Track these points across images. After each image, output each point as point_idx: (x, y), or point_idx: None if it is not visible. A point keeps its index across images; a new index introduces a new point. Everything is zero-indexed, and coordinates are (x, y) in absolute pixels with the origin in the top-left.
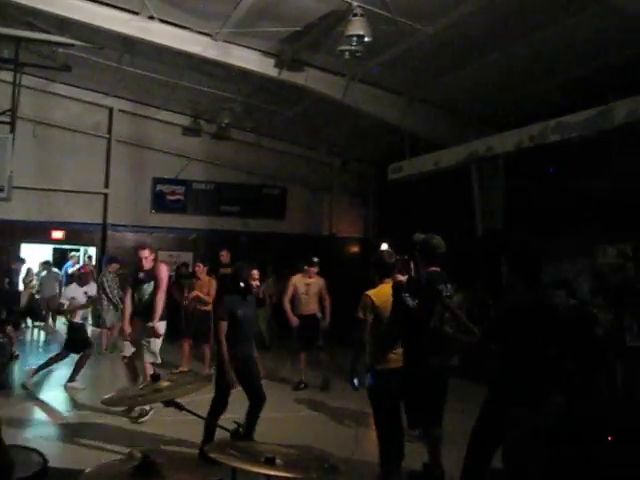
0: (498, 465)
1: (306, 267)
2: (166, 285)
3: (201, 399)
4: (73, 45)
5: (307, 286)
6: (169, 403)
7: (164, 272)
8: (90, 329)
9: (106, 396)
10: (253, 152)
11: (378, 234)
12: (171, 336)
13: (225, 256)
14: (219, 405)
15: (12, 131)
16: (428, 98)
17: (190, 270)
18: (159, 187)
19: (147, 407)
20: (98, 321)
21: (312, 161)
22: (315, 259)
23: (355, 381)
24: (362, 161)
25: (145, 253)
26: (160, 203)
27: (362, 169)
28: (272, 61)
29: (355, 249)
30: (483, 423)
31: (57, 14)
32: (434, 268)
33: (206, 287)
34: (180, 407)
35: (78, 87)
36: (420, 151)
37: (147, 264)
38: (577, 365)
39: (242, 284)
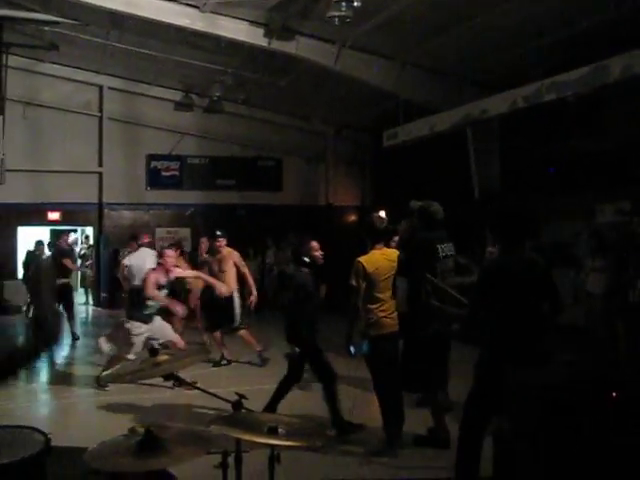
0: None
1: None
2: None
3: (201, 373)
4: (58, 23)
5: (219, 262)
6: (169, 377)
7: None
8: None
9: (104, 372)
10: (246, 124)
11: (375, 202)
12: None
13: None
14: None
15: (1, 113)
16: (420, 62)
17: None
18: (153, 163)
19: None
20: None
21: (306, 131)
22: (219, 232)
23: (351, 348)
24: (357, 129)
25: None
26: (155, 179)
27: (357, 137)
28: (261, 31)
29: (352, 218)
30: (479, 389)
31: None
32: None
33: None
34: (180, 381)
35: (67, 66)
36: (414, 117)
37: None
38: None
39: (306, 259)
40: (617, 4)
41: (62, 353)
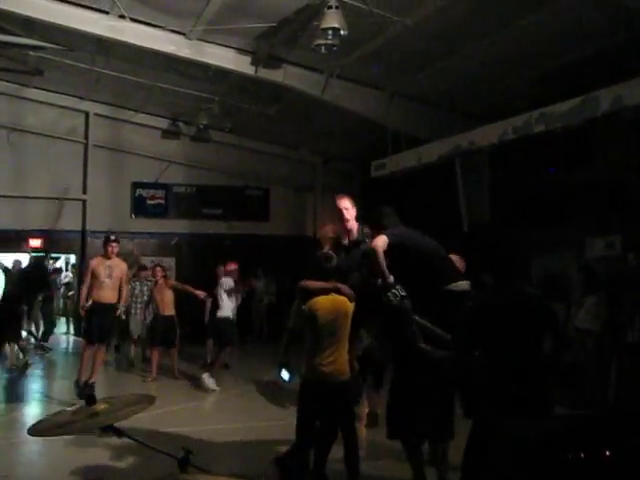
0: None
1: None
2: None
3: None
4: (43, 48)
5: (109, 269)
6: (107, 429)
7: None
8: None
9: (34, 423)
10: (234, 153)
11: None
12: None
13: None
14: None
15: None
16: (409, 92)
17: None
18: (139, 191)
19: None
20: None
21: (294, 161)
22: (112, 236)
23: (283, 374)
24: (345, 159)
25: None
26: (140, 208)
27: (345, 167)
28: (248, 59)
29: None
30: (477, 440)
31: (22, 14)
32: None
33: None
34: (120, 433)
35: (52, 91)
36: (404, 147)
37: None
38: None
39: None
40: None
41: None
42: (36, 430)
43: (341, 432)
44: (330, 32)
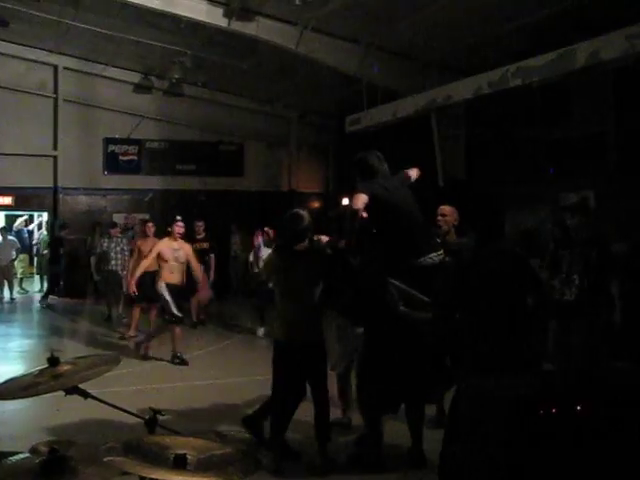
0: None
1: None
2: None
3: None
4: None
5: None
6: (71, 391)
7: None
8: None
9: None
10: (207, 108)
11: (338, 189)
12: None
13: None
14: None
15: None
16: (385, 45)
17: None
18: (111, 147)
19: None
20: None
21: (269, 115)
22: (179, 217)
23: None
24: (320, 114)
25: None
26: (113, 164)
27: (320, 122)
28: (221, 10)
29: (316, 204)
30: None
31: None
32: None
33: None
34: (84, 394)
35: (19, 44)
36: (379, 102)
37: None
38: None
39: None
40: None
41: None
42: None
43: (312, 395)
44: None
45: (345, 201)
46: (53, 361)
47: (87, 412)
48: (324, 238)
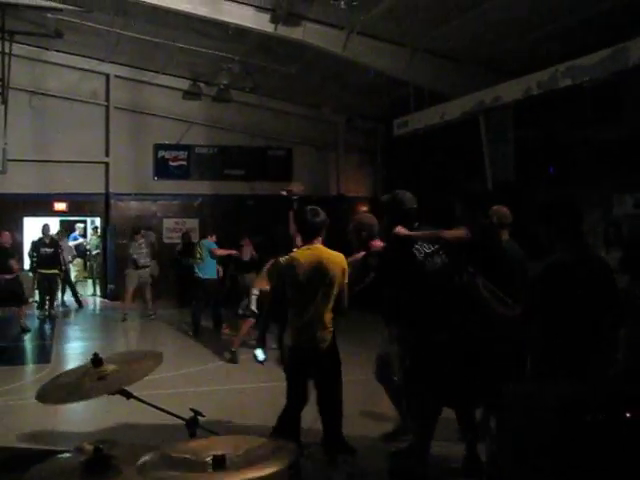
0: None
1: None
2: None
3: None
4: (61, 10)
5: None
6: (117, 393)
7: None
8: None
9: (40, 387)
10: (255, 113)
11: (387, 192)
12: None
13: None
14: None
15: (3, 102)
16: (432, 48)
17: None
18: (161, 153)
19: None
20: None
21: (316, 120)
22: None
23: (257, 353)
24: (368, 117)
25: None
26: (163, 169)
27: (368, 126)
28: (267, 16)
29: (364, 209)
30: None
31: None
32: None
33: None
34: (127, 395)
35: (72, 54)
36: (427, 104)
37: None
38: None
39: None
40: None
41: None
42: (42, 397)
43: (319, 403)
44: None
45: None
46: (97, 362)
47: (131, 412)
48: (378, 244)
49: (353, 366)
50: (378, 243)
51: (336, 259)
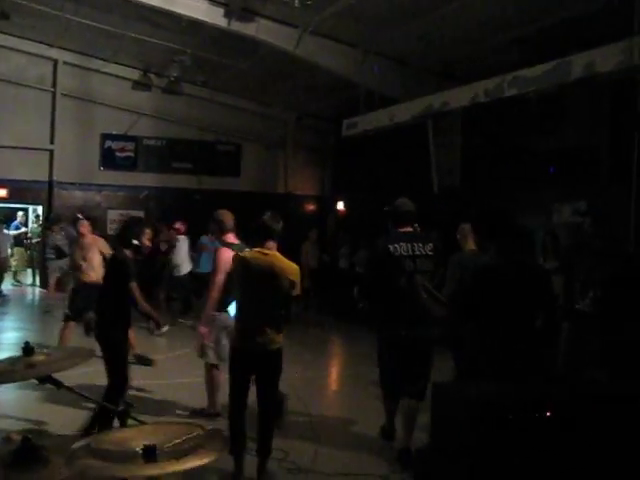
0: None
1: None
2: None
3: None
4: None
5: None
6: (44, 380)
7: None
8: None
9: None
10: (206, 107)
11: (334, 192)
12: None
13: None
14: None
15: None
16: (383, 51)
17: None
18: (108, 143)
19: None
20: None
21: (267, 117)
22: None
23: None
24: (318, 117)
25: None
26: (109, 160)
27: (318, 125)
28: (221, 10)
29: (312, 207)
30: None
31: None
32: (405, 229)
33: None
34: (58, 384)
35: (19, 37)
36: (377, 106)
37: None
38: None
39: (136, 242)
40: None
41: None
42: None
43: (258, 406)
44: None
45: (340, 205)
46: (28, 350)
47: (61, 402)
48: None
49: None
50: (231, 238)
51: (288, 269)
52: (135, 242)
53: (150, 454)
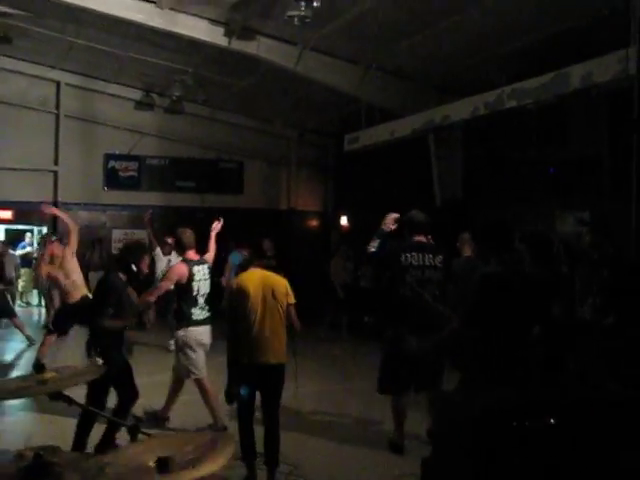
0: None
1: None
2: None
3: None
4: (10, 15)
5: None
6: (55, 396)
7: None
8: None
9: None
10: (208, 126)
11: (337, 207)
12: None
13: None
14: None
15: None
16: (384, 66)
17: None
18: (111, 163)
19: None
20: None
21: (268, 134)
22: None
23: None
24: (320, 133)
25: None
26: (113, 180)
27: (320, 141)
28: (221, 30)
29: (314, 223)
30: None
31: None
32: (419, 238)
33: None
34: (69, 401)
35: (22, 60)
36: (378, 121)
37: None
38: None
39: (134, 268)
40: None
41: None
42: None
43: (264, 418)
44: (303, 3)
45: (343, 220)
46: (39, 368)
47: (73, 418)
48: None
49: None
50: (191, 254)
51: (280, 281)
52: (134, 267)
53: (164, 466)
